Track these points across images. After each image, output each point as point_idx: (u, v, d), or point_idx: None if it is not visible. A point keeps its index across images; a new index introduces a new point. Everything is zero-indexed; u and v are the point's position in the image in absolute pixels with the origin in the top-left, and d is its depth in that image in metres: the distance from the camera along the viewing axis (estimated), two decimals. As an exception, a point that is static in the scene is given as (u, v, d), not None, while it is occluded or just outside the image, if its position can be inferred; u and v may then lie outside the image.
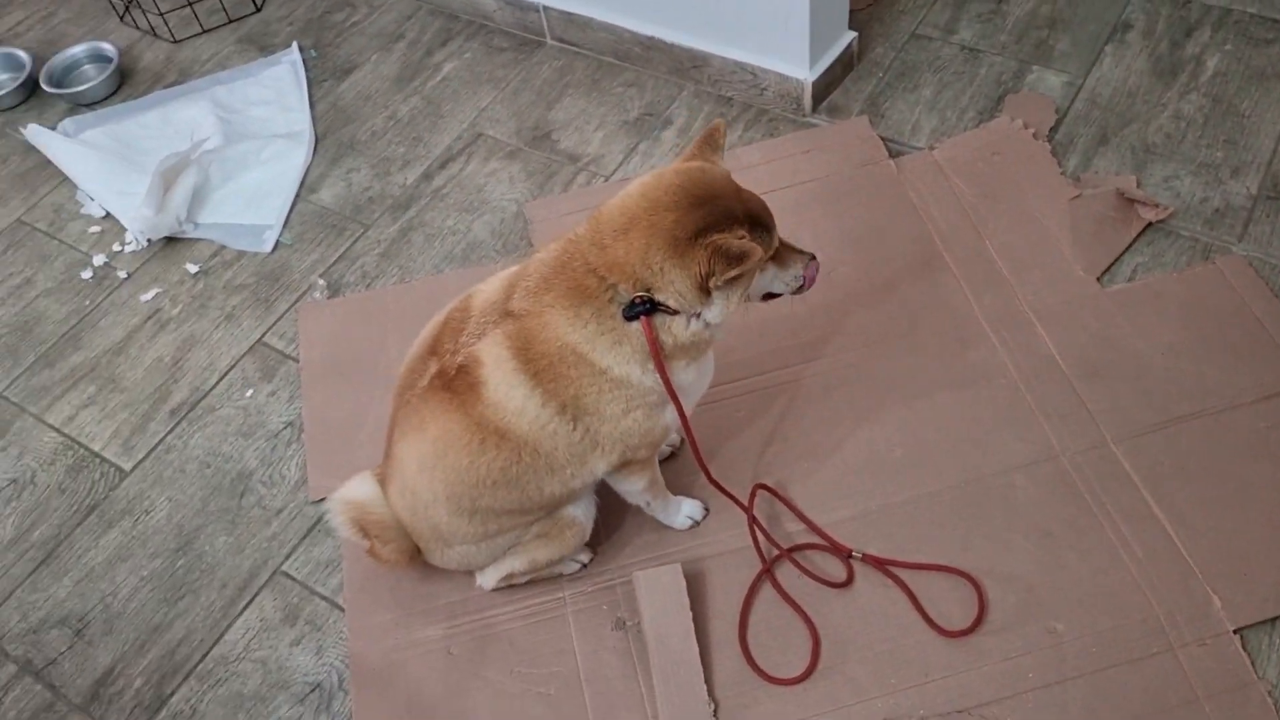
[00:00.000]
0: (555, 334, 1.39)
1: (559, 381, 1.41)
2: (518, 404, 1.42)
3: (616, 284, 1.37)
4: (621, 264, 1.36)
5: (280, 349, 2.14)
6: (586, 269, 1.38)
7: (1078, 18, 2.50)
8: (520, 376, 1.40)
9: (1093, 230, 2.05)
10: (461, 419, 1.43)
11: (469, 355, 1.43)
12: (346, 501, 1.61)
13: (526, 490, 1.50)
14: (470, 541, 1.59)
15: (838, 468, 1.81)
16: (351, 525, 1.61)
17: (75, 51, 2.82)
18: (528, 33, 2.69)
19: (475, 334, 1.44)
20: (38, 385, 2.14)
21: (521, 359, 1.40)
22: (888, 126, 2.34)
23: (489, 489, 1.48)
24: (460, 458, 1.45)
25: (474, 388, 1.42)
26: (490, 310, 1.45)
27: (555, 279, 1.40)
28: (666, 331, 1.40)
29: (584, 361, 1.40)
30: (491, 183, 2.38)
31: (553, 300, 1.39)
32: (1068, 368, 1.88)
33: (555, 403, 1.42)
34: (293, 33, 2.83)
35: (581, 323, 1.38)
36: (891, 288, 2.04)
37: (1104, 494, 1.72)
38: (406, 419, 1.51)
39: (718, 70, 2.44)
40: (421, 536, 1.61)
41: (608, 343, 1.39)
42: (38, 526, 1.93)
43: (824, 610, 1.65)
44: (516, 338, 1.41)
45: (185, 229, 2.37)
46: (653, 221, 1.34)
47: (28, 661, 1.77)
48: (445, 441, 1.45)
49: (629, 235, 1.35)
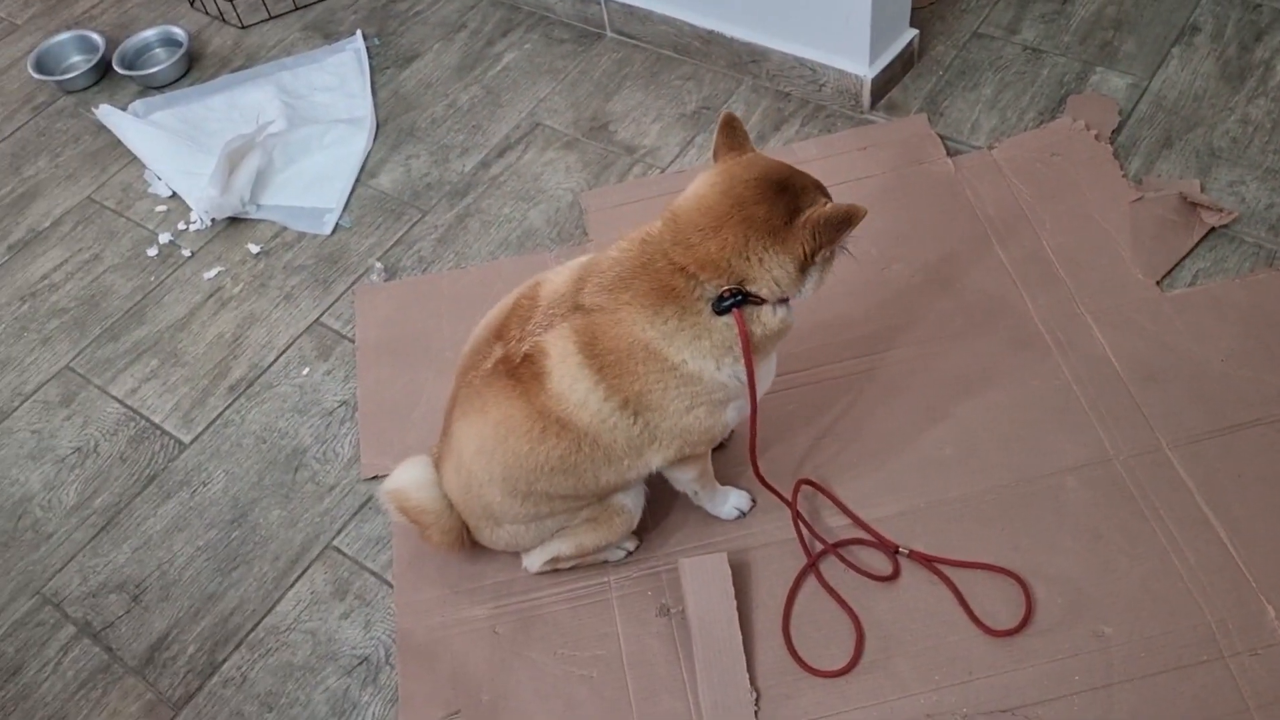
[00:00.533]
0: (628, 330, 1.41)
1: (624, 377, 1.43)
2: (580, 397, 1.44)
3: (706, 280, 1.39)
4: (715, 260, 1.38)
5: (337, 329, 2.18)
6: (672, 268, 1.40)
7: (1144, 19, 2.46)
8: (585, 370, 1.43)
9: (1153, 234, 2.03)
10: (524, 406, 1.46)
11: (535, 345, 1.45)
12: (388, 491, 1.66)
13: (583, 478, 1.52)
14: (520, 522, 1.61)
15: (886, 464, 1.81)
16: (399, 512, 1.66)
17: (147, 35, 2.89)
18: (588, 25, 2.71)
19: (542, 324, 1.46)
20: (103, 358, 2.20)
21: (587, 353, 1.42)
22: (946, 125, 2.32)
23: (546, 475, 1.50)
24: (520, 444, 1.48)
25: (538, 377, 1.44)
26: (559, 302, 1.47)
27: (634, 279, 1.42)
28: (755, 322, 1.42)
29: (656, 357, 1.42)
30: (548, 172, 2.40)
31: (631, 299, 1.41)
32: (1124, 371, 1.86)
33: (618, 398, 1.44)
34: (357, 21, 2.87)
35: (662, 320, 1.40)
36: (945, 286, 2.03)
37: (1157, 499, 1.70)
38: (468, 400, 1.53)
39: (776, 65, 2.44)
40: (472, 514, 1.63)
41: (687, 338, 1.41)
42: (100, 494, 1.98)
43: (868, 605, 1.65)
44: (584, 332, 1.43)
45: (248, 210, 2.42)
46: (744, 216, 1.37)
47: (87, 623, 1.82)
48: (507, 426, 1.48)
49: (720, 233, 1.37)
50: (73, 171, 2.60)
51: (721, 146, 1.47)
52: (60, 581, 1.87)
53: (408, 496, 1.64)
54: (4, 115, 2.77)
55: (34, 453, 2.06)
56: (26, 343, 2.25)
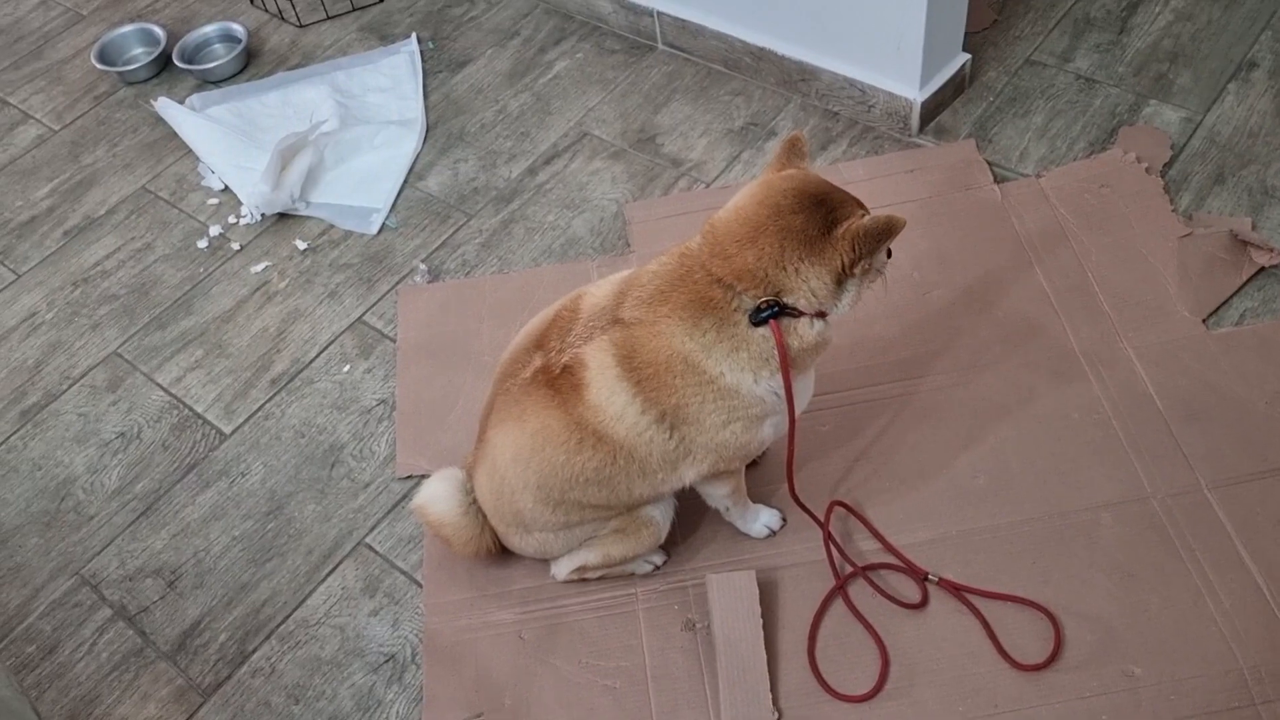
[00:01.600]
0: (667, 343, 1.42)
1: (662, 390, 1.44)
2: (618, 409, 1.45)
3: (744, 291, 1.39)
4: (752, 270, 1.38)
5: (379, 328, 2.20)
6: (710, 279, 1.41)
7: (1201, 53, 2.44)
8: (622, 383, 1.44)
9: (1202, 270, 2.01)
10: (562, 417, 1.47)
11: (574, 356, 1.47)
12: (413, 507, 1.72)
13: (616, 490, 1.53)
14: (550, 530, 1.62)
15: (918, 489, 1.80)
16: (427, 528, 1.73)
17: (207, 30, 2.94)
18: (640, 37, 2.73)
19: (582, 336, 1.48)
20: (150, 345, 2.24)
21: (625, 366, 1.43)
22: (995, 151, 2.31)
23: (580, 485, 1.52)
24: (556, 454, 1.49)
25: (576, 389, 1.46)
26: (599, 315, 1.49)
27: (673, 291, 1.43)
28: (793, 335, 1.42)
29: (694, 370, 1.42)
30: (594, 181, 2.42)
31: (669, 311, 1.42)
32: (1165, 408, 1.84)
33: (655, 410, 1.45)
34: (413, 24, 2.91)
35: (700, 332, 1.41)
36: (986, 313, 2.02)
37: (1194, 540, 1.68)
38: (506, 407, 1.55)
39: (826, 85, 2.44)
40: (502, 520, 1.65)
41: (725, 350, 1.41)
42: (140, 479, 2.02)
43: (895, 631, 1.65)
44: (623, 345, 1.44)
45: (297, 207, 2.46)
46: (781, 226, 1.38)
47: (122, 607, 1.85)
48: (543, 436, 1.49)
49: (757, 242, 1.38)
50: (129, 161, 2.65)
51: (775, 162, 1.48)
52: (99, 564, 1.91)
53: (426, 511, 1.69)
54: (66, 104, 2.84)
55: (79, 436, 2.10)
56: (77, 327, 2.30)
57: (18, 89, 2.90)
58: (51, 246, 2.47)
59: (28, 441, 2.11)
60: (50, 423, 2.13)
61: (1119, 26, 2.54)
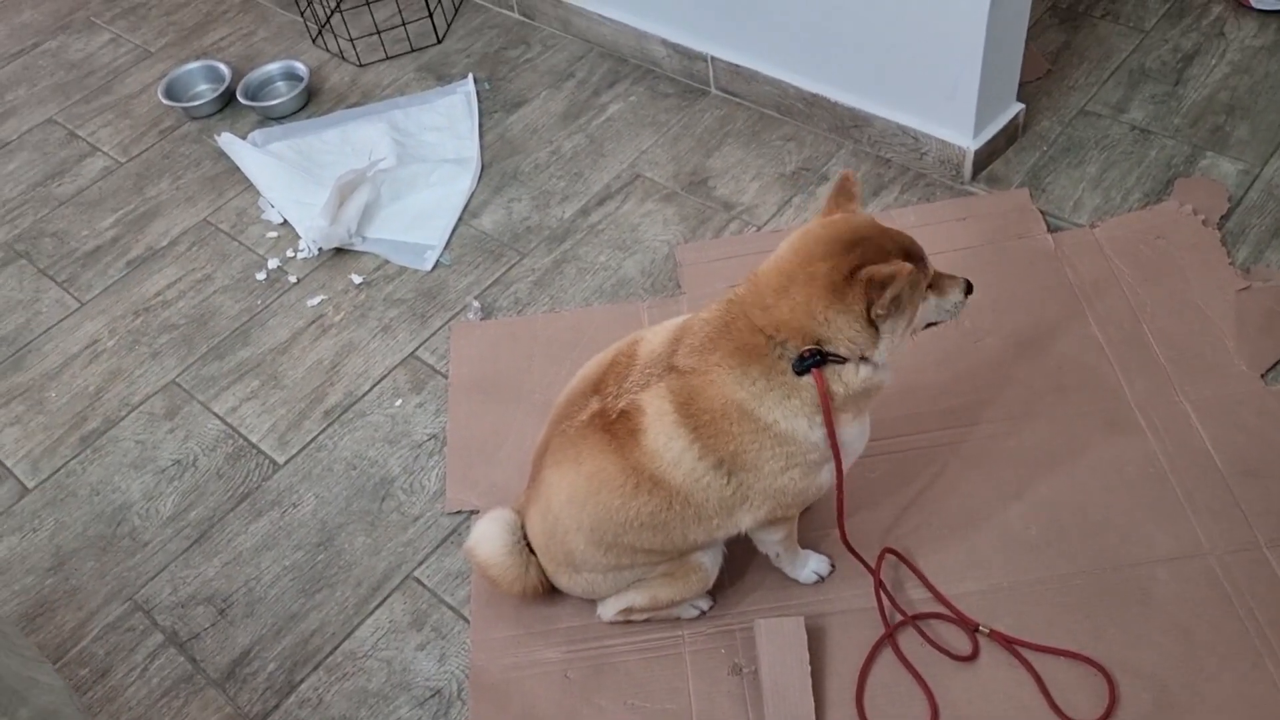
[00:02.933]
0: (721, 391, 1.43)
1: (719, 437, 1.44)
2: (675, 455, 1.46)
3: (785, 341, 1.41)
4: (788, 321, 1.40)
5: (431, 364, 2.23)
6: (752, 329, 1.42)
7: (1258, 106, 2.43)
8: (680, 430, 1.44)
9: (1260, 325, 1.99)
10: (618, 461, 1.48)
11: (631, 402, 1.48)
12: (465, 550, 1.74)
13: (670, 535, 1.53)
14: (600, 571, 1.63)
15: (969, 539, 1.79)
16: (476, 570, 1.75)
17: (270, 68, 3.02)
18: (693, 81, 2.77)
19: (639, 383, 1.49)
20: (207, 375, 2.28)
21: (683, 413, 1.44)
22: (1048, 201, 2.31)
23: (634, 530, 1.52)
24: (612, 498, 1.50)
25: (634, 434, 1.47)
26: (655, 362, 1.50)
27: (720, 339, 1.45)
28: (838, 381, 1.43)
29: (749, 418, 1.43)
30: (645, 223, 2.45)
31: (719, 360, 1.44)
32: (1223, 464, 1.81)
33: (713, 457, 1.45)
34: (469, 64, 2.97)
35: (750, 380, 1.42)
36: (1039, 362, 2.01)
37: (1252, 599, 1.65)
38: (562, 449, 1.56)
39: (879, 131, 2.46)
40: (553, 560, 1.66)
41: (777, 398, 1.42)
42: (195, 507, 2.05)
43: (945, 682, 1.63)
44: (680, 392, 1.45)
45: (354, 242, 2.51)
46: (809, 274, 1.39)
47: (174, 633, 1.87)
48: (600, 479, 1.50)
49: (789, 292, 1.40)
50: (192, 194, 2.72)
51: (828, 206, 1.49)
52: (152, 590, 1.94)
53: (474, 552, 1.71)
54: (133, 137, 2.92)
55: (136, 462, 2.14)
56: (137, 355, 2.35)
57: (87, 122, 2.99)
58: (114, 276, 2.54)
59: (87, 466, 2.15)
60: (109, 449, 2.17)
61: (1175, 78, 2.53)
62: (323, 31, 3.12)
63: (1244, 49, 2.57)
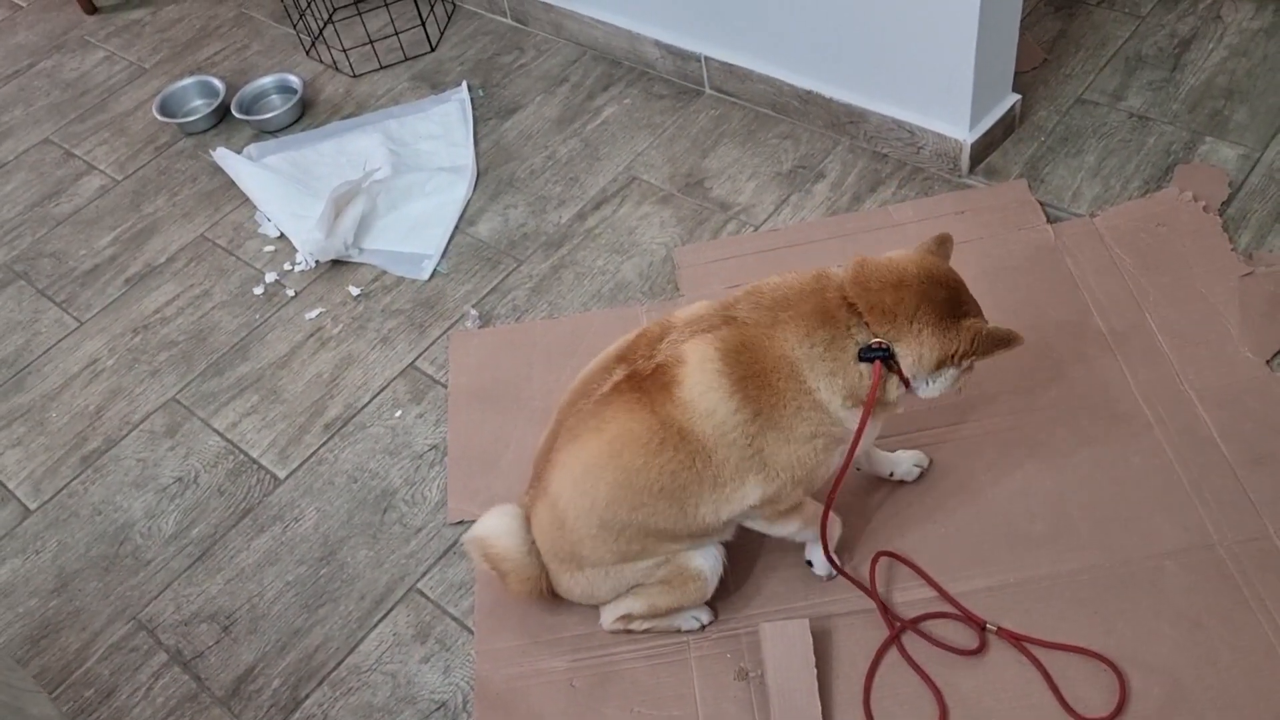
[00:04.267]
0: (778, 345, 1.48)
1: (763, 390, 1.48)
2: (710, 405, 1.48)
3: (869, 324, 1.48)
4: (888, 310, 1.48)
5: (430, 374, 2.22)
6: (842, 300, 1.49)
7: (1257, 89, 2.40)
8: (721, 379, 1.48)
9: (1264, 310, 1.96)
10: (646, 417, 1.49)
11: (671, 354, 1.51)
12: (471, 539, 1.69)
13: (685, 506, 1.54)
14: (605, 564, 1.61)
15: (974, 536, 1.77)
16: (482, 560, 1.69)
17: (264, 82, 3.02)
18: (687, 82, 2.75)
19: (684, 336, 1.53)
20: (207, 391, 2.28)
21: (729, 361, 1.48)
22: (1047, 191, 2.29)
23: (650, 499, 1.52)
24: (635, 457, 1.50)
25: (667, 386, 1.49)
26: (703, 319, 1.54)
27: (800, 300, 1.51)
28: (881, 386, 1.50)
29: (796, 377, 1.49)
30: (643, 226, 2.43)
31: (790, 317, 1.49)
32: (1230, 452, 1.79)
33: (750, 409, 1.49)
34: (463, 72, 2.96)
35: (811, 343, 1.48)
36: (1042, 356, 1.99)
37: (1263, 589, 1.63)
38: (579, 424, 1.56)
39: (875, 127, 2.44)
40: (556, 556, 1.64)
41: (826, 369, 1.49)
42: (197, 524, 2.05)
43: (953, 682, 1.61)
44: (729, 341, 1.49)
45: (351, 253, 2.50)
46: (925, 290, 1.49)
47: (178, 652, 1.87)
48: (623, 440, 1.51)
49: (900, 291, 1.48)
50: (189, 210, 2.72)
51: (929, 247, 1.58)
52: (155, 608, 1.93)
53: (490, 544, 1.67)
54: (129, 154, 2.92)
55: (138, 480, 2.14)
56: (137, 374, 2.35)
57: (83, 141, 2.99)
58: (113, 294, 2.54)
59: (88, 486, 2.15)
60: (110, 468, 2.17)
61: (1172, 64, 2.51)
62: (316, 43, 3.11)
63: (1241, 32, 2.55)
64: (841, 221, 2.32)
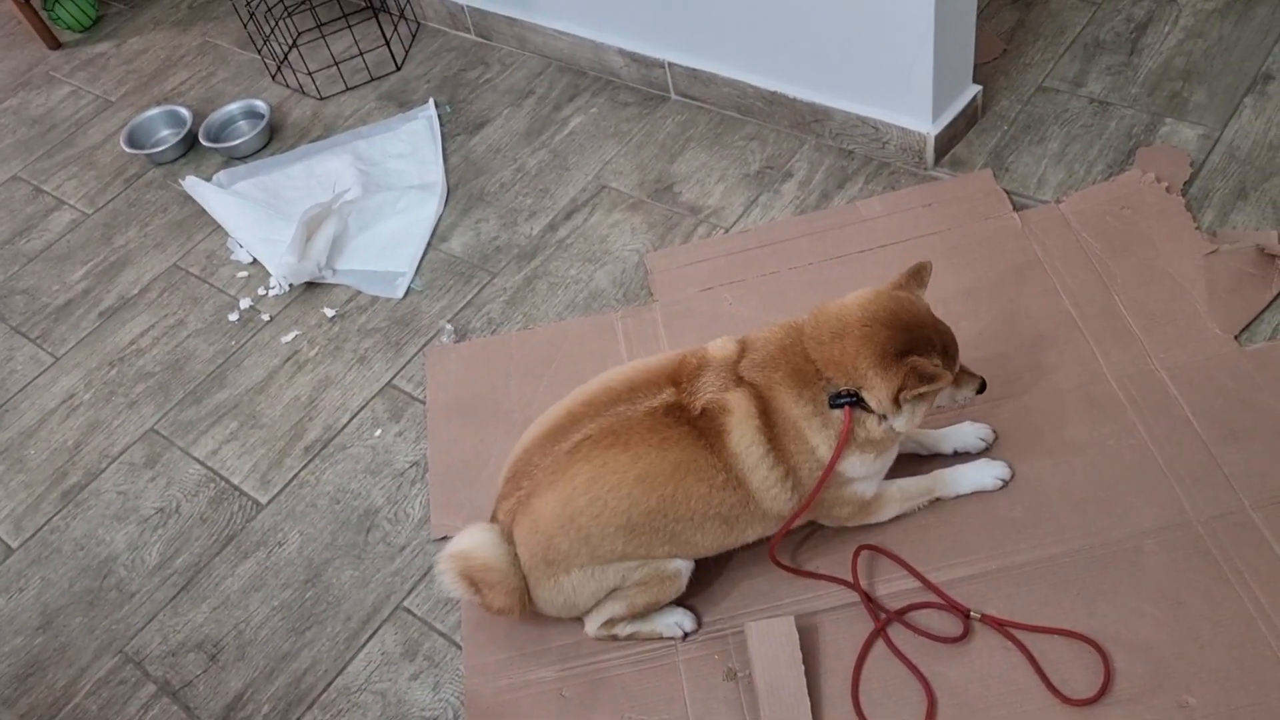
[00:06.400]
0: (784, 406, 1.58)
1: (784, 450, 1.59)
2: (753, 461, 1.58)
3: (830, 378, 1.56)
4: (837, 362, 1.56)
5: (408, 391, 2.22)
6: (805, 358, 1.58)
7: (1214, 70, 2.43)
8: (760, 436, 1.57)
9: (1230, 287, 1.98)
10: (708, 455, 1.57)
11: (715, 401, 1.58)
12: (452, 555, 1.65)
13: (734, 528, 1.64)
14: (597, 562, 1.61)
15: (955, 524, 1.78)
16: (460, 579, 1.64)
17: (231, 109, 3.02)
18: (652, 88, 2.77)
19: (716, 385, 1.59)
20: (185, 420, 2.28)
21: (764, 420, 1.57)
22: (1012, 180, 2.31)
23: (705, 519, 1.61)
24: (699, 485, 1.58)
25: (719, 434, 1.57)
26: (729, 366, 1.61)
27: (780, 359, 1.59)
28: (861, 425, 1.58)
29: (801, 438, 1.58)
30: (614, 234, 2.44)
31: (781, 379, 1.58)
32: (1202, 429, 1.81)
33: (781, 468, 1.59)
34: (430, 89, 2.97)
35: (803, 401, 1.57)
36: (1014, 343, 2.00)
37: (1241, 562, 1.64)
38: (629, 431, 1.57)
39: (839, 124, 2.46)
40: (544, 559, 1.61)
41: (819, 424, 1.58)
42: (180, 554, 2.04)
43: (940, 671, 1.62)
44: (759, 399, 1.57)
45: (324, 275, 2.50)
46: (866, 334, 1.55)
47: (166, 682, 1.86)
48: (687, 467, 1.57)
49: (844, 340, 1.56)
50: (160, 240, 2.71)
51: (900, 281, 1.63)
52: (142, 640, 1.92)
53: (473, 556, 1.64)
54: (98, 188, 2.92)
55: (119, 513, 2.13)
56: (115, 406, 2.34)
57: (51, 176, 2.99)
58: (87, 328, 2.53)
59: (69, 522, 2.14)
60: (91, 502, 2.17)
61: (1129, 48, 2.54)
62: (281, 67, 3.12)
63: (1196, 13, 2.57)
64: (811, 220, 2.34)
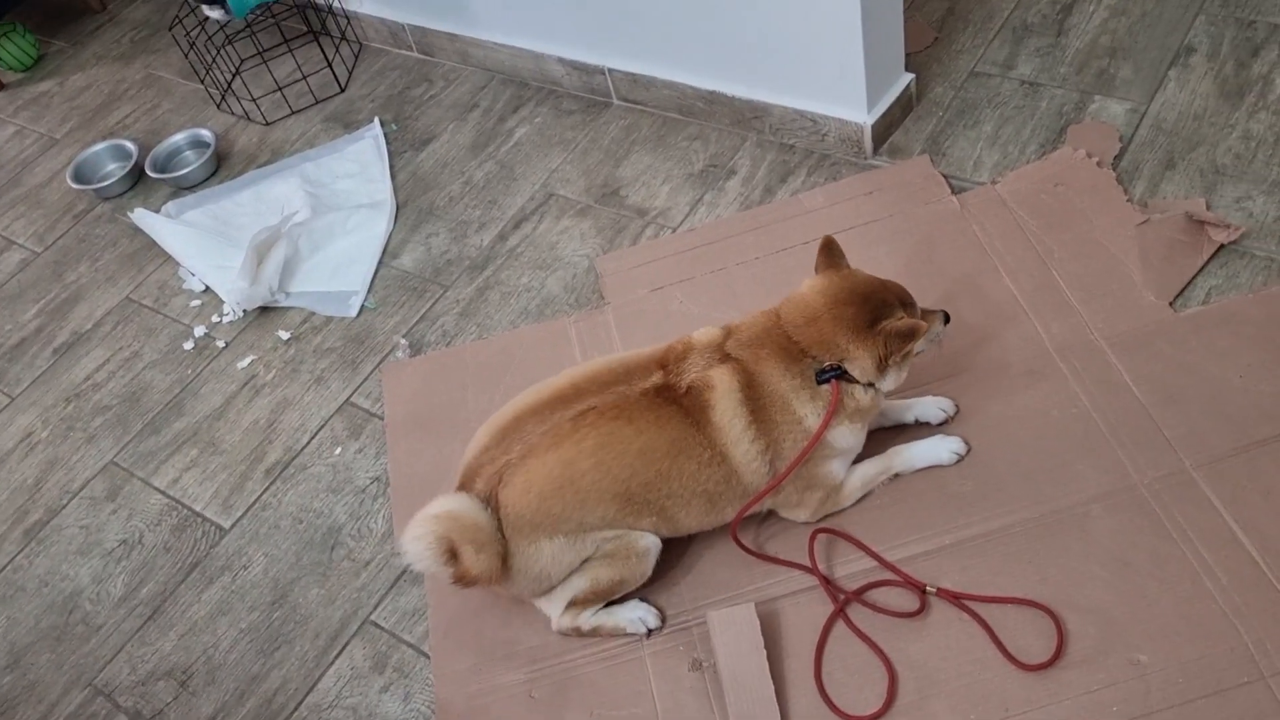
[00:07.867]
0: (771, 379, 1.65)
1: (767, 423, 1.65)
2: (736, 434, 1.64)
3: (816, 355, 1.65)
4: (820, 341, 1.65)
5: (366, 408, 2.24)
6: (789, 340, 1.67)
7: (1138, 45, 2.49)
8: (742, 409, 1.64)
9: (1163, 255, 2.03)
10: (695, 434, 1.64)
11: (700, 378, 1.65)
12: (436, 516, 1.58)
13: (716, 505, 1.70)
14: (584, 530, 1.64)
15: (908, 503, 1.81)
16: (439, 542, 1.56)
17: (177, 139, 3.02)
18: (594, 95, 2.79)
19: (701, 364, 1.66)
20: (145, 451, 2.28)
21: (746, 393, 1.64)
22: (949, 164, 2.36)
23: (692, 495, 1.67)
24: (689, 463, 1.65)
25: (704, 410, 1.64)
26: (715, 347, 1.68)
27: (768, 338, 1.67)
28: (850, 396, 1.68)
29: (788, 409, 1.65)
30: (563, 240, 2.47)
31: (769, 354, 1.66)
32: (1142, 394, 1.85)
33: (763, 440, 1.66)
34: (374, 109, 2.98)
35: (791, 375, 1.65)
36: (958, 321, 2.03)
37: (1185, 521, 1.69)
38: (631, 408, 1.63)
39: (778, 119, 2.49)
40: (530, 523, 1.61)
41: (807, 396, 1.66)
42: (145, 584, 2.04)
43: (899, 646, 1.65)
44: (742, 374, 1.65)
45: (277, 298, 2.51)
46: (836, 315, 1.65)
47: (137, 713, 1.86)
48: (680, 446, 1.64)
49: (818, 324, 1.65)
50: (112, 274, 2.71)
51: (821, 264, 1.73)
52: (111, 672, 1.92)
53: (462, 516, 1.59)
54: (46, 225, 2.91)
55: (82, 548, 2.13)
56: (73, 442, 2.34)
57: (-1, 217, 2.98)
58: (42, 366, 2.52)
59: (32, 560, 2.13)
60: (53, 538, 2.16)
61: (1056, 29, 2.59)
62: (226, 96, 3.12)
63: (1120, -8, 2.64)
64: (756, 215, 2.37)
